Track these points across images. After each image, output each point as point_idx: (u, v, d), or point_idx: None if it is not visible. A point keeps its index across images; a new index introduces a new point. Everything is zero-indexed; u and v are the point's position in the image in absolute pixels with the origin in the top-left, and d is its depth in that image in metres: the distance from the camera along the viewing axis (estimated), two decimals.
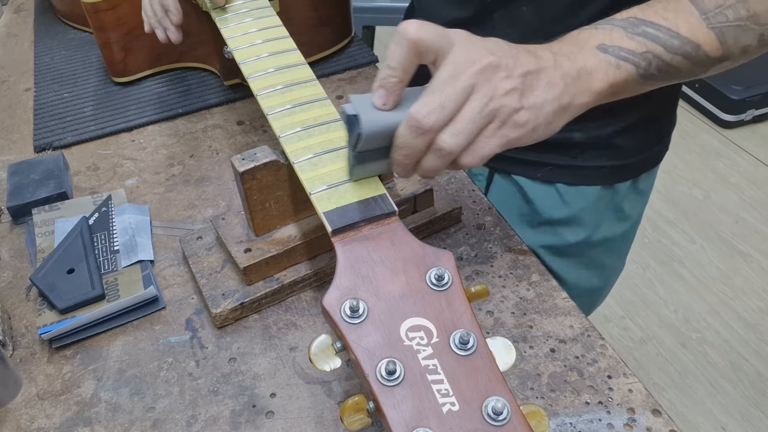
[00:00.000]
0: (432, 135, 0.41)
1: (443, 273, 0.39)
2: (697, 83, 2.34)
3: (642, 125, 0.69)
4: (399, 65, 0.42)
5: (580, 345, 0.51)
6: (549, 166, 0.70)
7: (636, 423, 0.46)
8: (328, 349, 0.38)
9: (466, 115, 0.41)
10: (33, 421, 0.49)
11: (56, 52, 0.95)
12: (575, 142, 0.67)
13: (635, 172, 0.72)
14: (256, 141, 0.76)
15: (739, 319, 1.67)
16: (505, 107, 0.42)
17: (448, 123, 0.41)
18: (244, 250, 0.55)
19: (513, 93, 0.42)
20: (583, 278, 0.76)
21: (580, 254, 0.75)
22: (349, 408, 0.36)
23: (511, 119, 0.42)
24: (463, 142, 0.41)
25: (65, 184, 0.69)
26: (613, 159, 0.69)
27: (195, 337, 0.54)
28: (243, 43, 0.62)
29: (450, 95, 0.41)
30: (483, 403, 0.34)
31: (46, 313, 0.55)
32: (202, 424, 0.48)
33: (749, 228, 1.90)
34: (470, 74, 0.41)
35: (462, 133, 0.41)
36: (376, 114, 0.43)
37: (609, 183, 0.71)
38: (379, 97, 0.43)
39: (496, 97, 0.41)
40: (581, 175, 0.70)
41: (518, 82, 0.42)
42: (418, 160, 0.43)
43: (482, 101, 0.41)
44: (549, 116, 0.43)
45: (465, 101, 0.41)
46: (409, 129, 0.41)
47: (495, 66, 0.41)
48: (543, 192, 0.72)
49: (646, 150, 0.71)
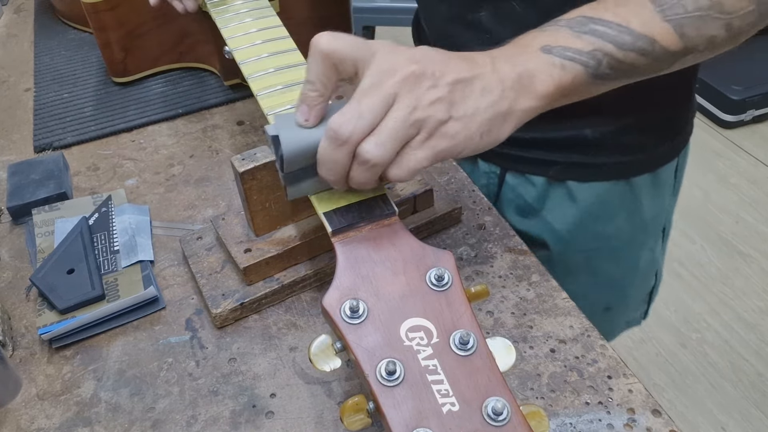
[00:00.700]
0: (351, 146, 0.40)
1: (443, 273, 0.39)
2: (697, 83, 2.34)
3: (656, 119, 0.67)
4: (316, 79, 0.41)
5: (580, 345, 0.51)
6: (560, 164, 0.68)
7: (636, 423, 0.46)
8: (328, 350, 0.38)
9: (388, 125, 0.39)
10: (33, 422, 0.49)
11: (56, 52, 0.95)
12: (587, 140, 0.66)
13: (653, 166, 0.70)
14: (256, 141, 0.76)
15: (739, 319, 1.67)
16: (431, 118, 0.40)
17: (370, 134, 0.40)
18: (244, 251, 0.55)
19: (439, 103, 0.40)
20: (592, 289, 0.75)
21: (589, 258, 0.74)
22: (349, 408, 0.36)
23: (439, 130, 0.40)
24: (387, 153, 0.39)
25: (65, 184, 0.69)
26: (627, 154, 0.68)
27: (195, 338, 0.54)
28: (243, 43, 0.62)
29: (368, 104, 0.39)
30: (483, 404, 0.34)
31: (46, 314, 0.55)
32: (202, 425, 0.48)
33: (749, 228, 1.90)
34: (391, 84, 0.39)
35: (384, 143, 0.39)
36: (297, 132, 0.42)
37: (624, 177, 0.69)
38: (301, 113, 0.42)
39: (420, 107, 0.39)
40: (594, 172, 0.68)
41: (445, 92, 0.40)
42: (345, 173, 0.41)
43: (404, 111, 0.39)
44: (484, 125, 0.41)
45: (387, 109, 0.39)
46: (328, 141, 0.40)
47: (418, 75, 0.40)
48: (553, 190, 0.70)
49: (663, 144, 0.69)
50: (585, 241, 0.73)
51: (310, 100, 0.42)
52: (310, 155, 0.42)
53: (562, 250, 0.73)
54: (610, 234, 0.73)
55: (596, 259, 0.75)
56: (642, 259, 0.78)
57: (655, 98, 0.61)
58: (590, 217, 0.71)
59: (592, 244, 0.73)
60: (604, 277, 0.76)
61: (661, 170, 0.71)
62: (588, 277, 0.75)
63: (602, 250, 0.74)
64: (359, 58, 0.40)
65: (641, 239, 0.76)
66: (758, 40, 0.51)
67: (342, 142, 0.39)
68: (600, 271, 0.76)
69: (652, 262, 0.80)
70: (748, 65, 2.26)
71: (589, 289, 0.74)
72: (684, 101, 0.70)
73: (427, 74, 0.40)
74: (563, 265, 0.73)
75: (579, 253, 0.74)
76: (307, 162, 0.43)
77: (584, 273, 0.75)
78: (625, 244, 0.75)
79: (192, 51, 0.85)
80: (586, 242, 0.73)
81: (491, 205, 0.64)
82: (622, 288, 0.80)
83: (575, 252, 0.74)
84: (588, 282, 0.75)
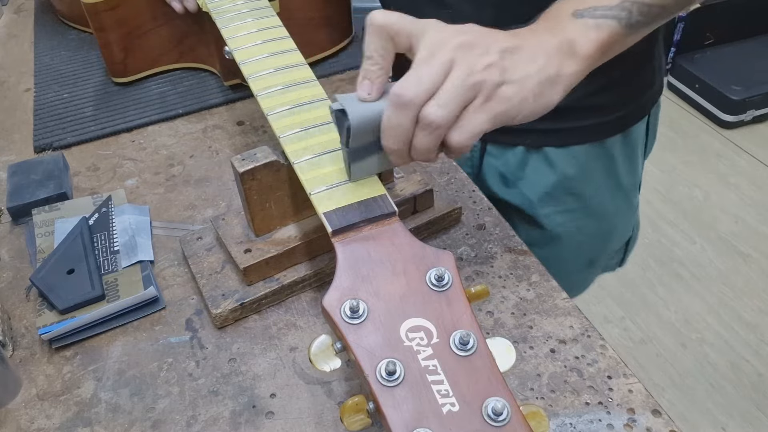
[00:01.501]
0: (415, 109, 0.41)
1: (443, 273, 0.39)
2: (697, 83, 2.34)
3: (623, 79, 0.69)
4: (375, 52, 0.43)
5: (580, 345, 0.51)
6: (536, 132, 0.70)
7: (636, 423, 0.46)
8: (328, 350, 0.38)
9: (447, 87, 0.41)
10: (33, 422, 0.49)
11: (56, 52, 0.95)
12: (558, 106, 0.68)
13: (624, 126, 0.72)
14: (256, 141, 0.76)
15: (739, 319, 1.67)
16: (487, 81, 0.42)
17: (431, 97, 0.41)
18: (244, 251, 0.55)
19: (493, 68, 0.42)
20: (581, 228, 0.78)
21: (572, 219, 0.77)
22: (349, 408, 0.36)
23: (496, 94, 0.42)
24: (449, 114, 0.41)
25: (65, 184, 0.69)
26: (598, 116, 0.70)
27: (195, 338, 0.54)
28: (243, 44, 0.62)
29: (428, 71, 0.41)
30: (483, 404, 0.34)
31: (46, 314, 0.55)
32: (202, 425, 0.48)
33: (749, 228, 1.90)
34: (446, 51, 0.41)
35: (446, 105, 0.41)
36: (362, 106, 0.43)
37: (598, 139, 0.72)
38: (363, 88, 0.43)
39: (476, 71, 0.41)
40: (568, 136, 0.71)
41: (496, 58, 0.42)
42: (409, 141, 0.43)
43: (463, 74, 0.41)
44: (536, 88, 0.44)
45: (445, 75, 0.41)
46: (392, 107, 0.41)
47: (470, 43, 0.42)
48: (531, 157, 0.73)
49: (632, 102, 0.72)
50: (565, 203, 0.76)
51: (371, 74, 0.43)
52: (375, 128, 0.43)
53: (544, 214, 0.76)
54: (589, 194, 0.76)
55: (578, 219, 0.78)
56: (620, 211, 0.82)
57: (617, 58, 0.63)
58: (568, 180, 0.74)
59: (573, 205, 0.76)
60: (586, 235, 0.80)
61: (633, 129, 0.73)
62: (572, 237, 0.78)
63: (583, 210, 0.77)
64: (413, 31, 0.42)
65: (619, 196, 0.79)
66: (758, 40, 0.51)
67: (405, 105, 0.41)
68: (582, 230, 0.79)
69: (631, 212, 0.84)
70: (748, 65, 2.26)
71: (573, 248, 0.79)
72: (647, 58, 0.72)
73: (477, 43, 0.42)
74: (548, 230, 0.77)
75: (561, 214, 0.77)
76: (371, 137, 0.44)
77: (568, 233, 0.78)
78: (604, 201, 0.78)
79: (192, 51, 0.85)
80: (566, 204, 0.76)
81: (491, 205, 0.64)
82: (603, 242, 0.84)
83: (557, 214, 0.76)
84: (572, 242, 0.78)
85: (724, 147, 2.19)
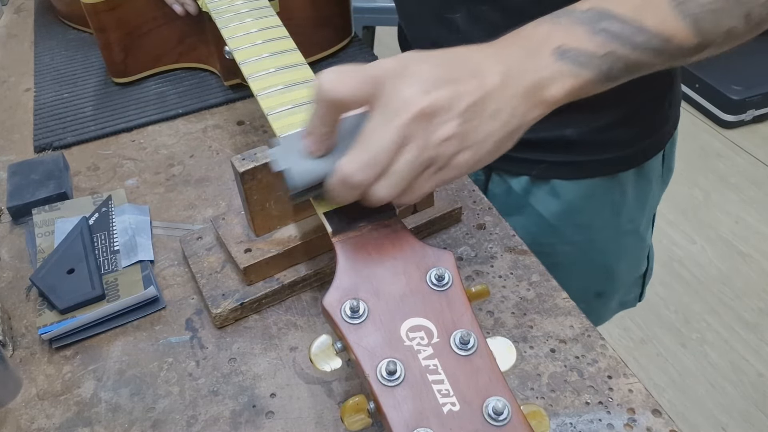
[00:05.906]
0: (363, 189, 0.39)
1: (443, 273, 0.39)
2: (697, 83, 2.34)
3: (638, 114, 0.67)
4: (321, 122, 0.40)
5: (580, 345, 0.51)
6: (544, 163, 0.69)
7: (636, 423, 0.46)
8: (329, 350, 0.38)
9: (399, 167, 0.38)
10: (33, 422, 0.49)
11: (56, 52, 0.95)
12: (569, 139, 0.66)
13: (638, 161, 0.69)
14: (256, 141, 0.76)
15: (739, 319, 1.67)
16: (442, 156, 0.39)
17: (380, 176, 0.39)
18: (244, 251, 0.55)
19: (451, 140, 0.39)
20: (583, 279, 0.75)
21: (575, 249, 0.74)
22: (350, 408, 0.36)
23: (449, 163, 0.40)
24: (397, 192, 0.39)
25: (65, 184, 0.69)
26: (612, 151, 0.67)
27: (195, 338, 0.54)
28: (243, 44, 0.62)
29: (380, 148, 0.38)
30: (483, 404, 0.34)
31: (46, 314, 0.55)
32: (202, 425, 0.48)
33: (749, 228, 1.90)
34: (402, 124, 0.38)
35: (396, 185, 0.39)
36: (303, 164, 0.41)
37: (609, 174, 0.69)
38: (308, 144, 0.41)
39: (431, 146, 0.39)
40: (578, 170, 0.68)
41: (456, 126, 0.39)
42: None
43: (415, 153, 0.38)
44: (493, 146, 0.41)
45: (398, 150, 0.38)
46: (338, 183, 0.39)
47: (429, 114, 0.38)
48: (537, 187, 0.71)
49: (647, 137, 0.69)
50: (569, 233, 0.73)
51: (319, 135, 0.41)
52: (317, 183, 0.42)
53: (547, 243, 0.74)
54: (595, 226, 0.73)
55: (582, 250, 0.75)
56: (630, 246, 0.78)
57: (633, 93, 0.59)
58: (574, 210, 0.71)
59: (577, 237, 0.74)
60: (591, 267, 0.77)
61: (647, 163, 0.70)
62: (575, 267, 0.75)
63: (587, 241, 0.75)
64: (366, 95, 0.39)
65: (628, 228, 0.76)
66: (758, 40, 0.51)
67: (353, 186, 0.39)
68: (587, 261, 0.76)
69: (642, 247, 0.81)
70: (748, 65, 2.26)
71: (577, 277, 0.74)
72: (663, 93, 0.69)
73: (437, 110, 0.38)
74: (550, 258, 0.74)
75: (564, 245, 0.74)
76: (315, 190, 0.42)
77: (571, 264, 0.75)
78: (612, 234, 0.75)
79: (192, 51, 0.85)
80: (570, 235, 0.74)
81: (491, 205, 0.64)
82: (612, 275, 0.80)
83: (561, 244, 0.74)
84: (576, 272, 0.75)
85: (724, 147, 2.19)
